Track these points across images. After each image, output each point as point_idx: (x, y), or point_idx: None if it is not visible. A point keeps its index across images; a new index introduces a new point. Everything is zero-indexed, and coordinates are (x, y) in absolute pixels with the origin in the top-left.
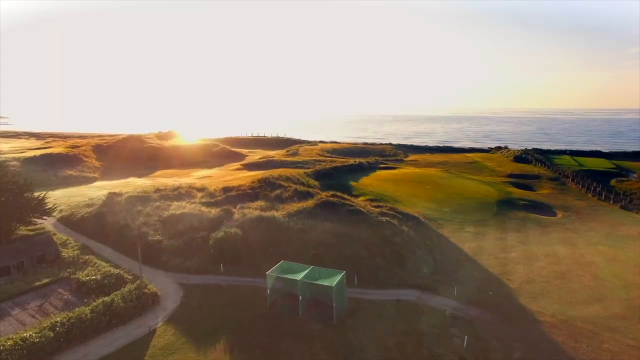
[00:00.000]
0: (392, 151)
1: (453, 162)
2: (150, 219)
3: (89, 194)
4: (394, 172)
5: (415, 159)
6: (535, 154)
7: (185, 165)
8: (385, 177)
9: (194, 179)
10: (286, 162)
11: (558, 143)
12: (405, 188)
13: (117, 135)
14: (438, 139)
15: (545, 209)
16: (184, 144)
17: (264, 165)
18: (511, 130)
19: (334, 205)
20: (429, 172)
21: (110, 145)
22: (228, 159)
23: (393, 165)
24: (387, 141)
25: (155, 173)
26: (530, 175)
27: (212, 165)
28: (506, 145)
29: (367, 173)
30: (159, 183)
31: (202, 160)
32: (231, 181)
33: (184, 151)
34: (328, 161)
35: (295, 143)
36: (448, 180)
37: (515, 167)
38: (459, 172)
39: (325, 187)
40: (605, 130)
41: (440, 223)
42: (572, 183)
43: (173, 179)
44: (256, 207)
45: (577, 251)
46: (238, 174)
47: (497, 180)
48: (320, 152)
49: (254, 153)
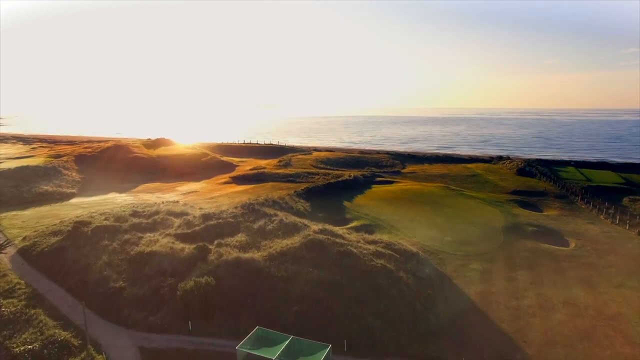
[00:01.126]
0: (389, 162)
1: (453, 174)
2: (116, 258)
3: (61, 214)
4: (391, 188)
5: (413, 170)
6: (539, 166)
7: (172, 177)
8: (382, 196)
9: (179, 194)
10: (277, 175)
11: (560, 150)
12: (402, 210)
13: (106, 141)
14: (436, 143)
15: (556, 236)
16: (172, 153)
17: (254, 178)
18: (510, 134)
19: (322, 245)
20: (427, 189)
21: (94, 155)
22: (217, 169)
23: (390, 179)
24: (383, 147)
25: (138, 187)
26: (535, 192)
27: (200, 177)
28: (508, 155)
29: (363, 190)
30: (140, 200)
31: (190, 171)
32: (217, 199)
33: (172, 161)
34: (321, 174)
35: (288, 151)
36: (449, 199)
37: (519, 181)
38: (460, 188)
39: (317, 207)
40: (606, 134)
41: (442, 258)
42: (582, 202)
43: (156, 194)
44: (236, 243)
45: (600, 297)
46: (226, 188)
47: (501, 198)
48: (313, 162)
49: (245, 163)
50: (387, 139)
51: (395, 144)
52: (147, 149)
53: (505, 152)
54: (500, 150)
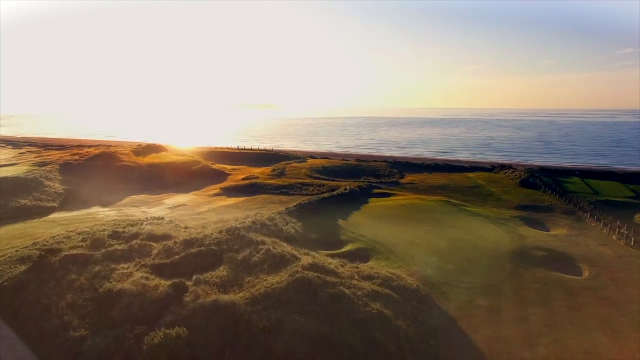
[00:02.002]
0: (387, 170)
1: (454, 185)
2: (82, 297)
3: (37, 233)
4: (388, 202)
5: (412, 181)
6: (542, 177)
7: (161, 187)
8: (379, 213)
9: (165, 209)
10: (270, 187)
11: (562, 156)
12: (401, 230)
13: (97, 145)
14: (435, 148)
15: (567, 263)
16: (162, 161)
17: (245, 190)
18: (510, 137)
19: (311, 286)
20: (427, 204)
21: (80, 164)
22: (209, 179)
23: (388, 191)
24: (381, 152)
25: (124, 200)
26: (541, 207)
27: (190, 188)
28: (510, 164)
29: (359, 206)
30: (124, 216)
31: (180, 181)
32: (205, 214)
33: (161, 171)
34: (316, 185)
35: (282, 158)
36: (450, 216)
37: (523, 194)
38: (462, 202)
39: (309, 227)
40: (607, 137)
41: (445, 291)
42: (591, 219)
43: (142, 209)
44: (216, 280)
45: (626, 345)
46: (216, 201)
47: (505, 214)
48: (308, 171)
49: (237, 171)
50: (385, 143)
51: (393, 148)
52: (136, 157)
53: (506, 157)
54: (501, 156)
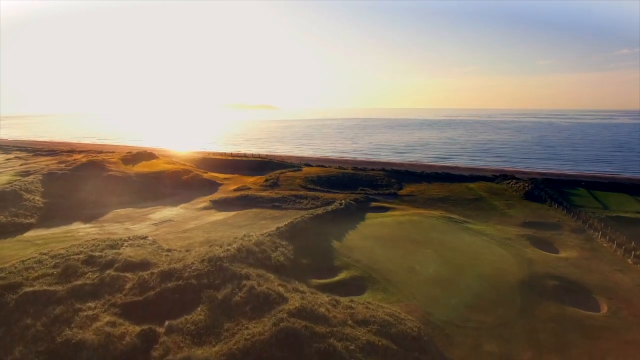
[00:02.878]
0: (385, 180)
1: (454, 197)
2: (34, 349)
3: (8, 255)
4: (386, 219)
5: (411, 192)
6: (547, 189)
7: (148, 199)
8: (376, 233)
9: (150, 225)
10: (262, 199)
11: (565, 162)
12: (399, 255)
13: (87, 151)
14: (434, 153)
15: (582, 295)
16: (151, 170)
17: (236, 203)
18: (510, 141)
19: (297, 338)
20: (427, 221)
21: (65, 174)
22: (199, 190)
23: (386, 205)
24: (379, 157)
25: (108, 215)
26: (548, 224)
27: (179, 200)
28: (512, 172)
29: (355, 224)
30: (105, 234)
31: (170, 192)
32: (191, 233)
33: (150, 181)
34: (310, 198)
35: (276, 167)
36: (452, 236)
37: (528, 209)
38: (464, 218)
39: (301, 251)
40: (608, 141)
41: (449, 334)
42: (602, 238)
43: (125, 225)
44: (190, 327)
45: None
46: (204, 216)
47: (511, 232)
48: (303, 181)
49: (229, 180)
50: (382, 148)
51: (391, 153)
52: (124, 166)
53: (507, 163)
54: (502, 162)
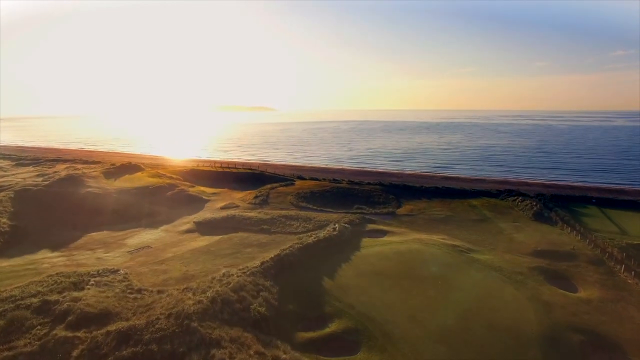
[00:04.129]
0: (382, 196)
1: (457, 218)
2: None
3: None
4: (384, 248)
5: (411, 211)
6: (556, 208)
7: (128, 219)
8: (372, 266)
9: (125, 254)
10: (249, 222)
11: (569, 171)
12: (399, 298)
13: (72, 160)
14: (433, 161)
15: (614, 354)
16: (134, 185)
17: (222, 225)
18: (510, 147)
19: None
20: (430, 253)
21: (40, 191)
22: (184, 207)
23: (383, 228)
24: (375, 166)
25: (81, 239)
26: (562, 254)
27: (161, 220)
28: (517, 184)
29: (349, 254)
30: (72, 266)
31: (152, 210)
32: (168, 265)
33: (131, 198)
34: (302, 220)
35: (268, 180)
36: (457, 272)
37: (538, 233)
38: (469, 244)
39: (286, 294)
40: (610, 145)
41: None
42: (625, 272)
43: (98, 253)
44: None
45: None
46: (185, 242)
47: (522, 263)
48: (295, 198)
49: (217, 196)
50: (379, 155)
51: (389, 162)
52: (105, 180)
53: (510, 173)
54: (505, 172)
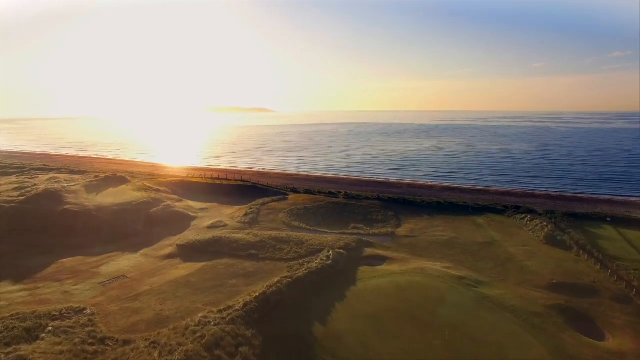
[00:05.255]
0: (381, 213)
1: (462, 240)
2: None
3: None
4: (383, 282)
5: (411, 231)
6: (569, 230)
7: (106, 240)
8: (370, 306)
9: (96, 285)
10: (237, 245)
11: (577, 182)
12: (400, 348)
13: (58, 169)
14: (432, 169)
15: None
16: (116, 201)
17: (207, 250)
18: (511, 153)
19: None
20: (433, 286)
21: (12, 208)
22: (168, 226)
23: (382, 253)
24: (374, 175)
25: (50, 267)
26: (582, 289)
27: (141, 242)
28: (522, 198)
29: (344, 290)
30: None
31: (133, 230)
32: (142, 301)
33: (112, 216)
34: (293, 243)
35: (260, 193)
36: (466, 314)
37: (552, 261)
38: (476, 275)
39: (270, 346)
40: (613, 150)
41: None
42: None
43: (66, 285)
44: None
45: None
46: (165, 271)
47: (538, 301)
48: (287, 216)
49: (205, 212)
50: (377, 162)
51: (387, 171)
52: (86, 195)
53: (513, 183)
54: (509, 181)
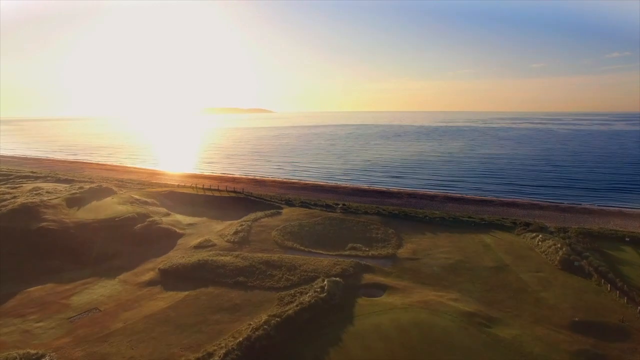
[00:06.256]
0: (380, 231)
1: (469, 264)
2: None
3: None
4: (383, 321)
5: (414, 253)
6: (586, 253)
7: (83, 263)
8: (370, 354)
9: (63, 322)
10: (224, 271)
11: (586, 193)
12: None
13: (44, 178)
14: (434, 177)
15: None
16: (97, 217)
17: (191, 275)
18: (514, 157)
19: None
20: (441, 326)
21: None
22: (152, 246)
23: (382, 281)
24: (372, 183)
25: (15, 297)
26: (610, 330)
27: (120, 265)
28: (529, 211)
29: (339, 331)
30: None
31: (113, 250)
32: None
33: (92, 234)
34: (285, 269)
35: (253, 206)
36: None
37: (571, 291)
38: (487, 308)
39: None
40: (619, 154)
41: None
42: None
43: (28, 322)
44: None
45: None
46: (143, 301)
47: (559, 345)
48: (280, 235)
49: (193, 228)
50: (375, 169)
51: (386, 179)
52: (67, 210)
53: (518, 193)
54: (513, 192)
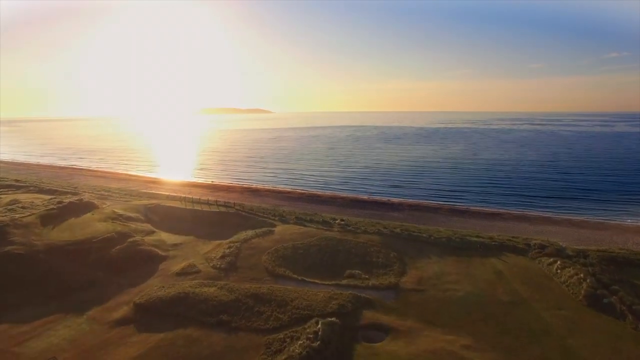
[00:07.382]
0: (381, 255)
1: (482, 297)
2: None
3: None
4: None
5: (419, 283)
6: (614, 286)
7: (50, 296)
8: None
9: None
10: (205, 307)
11: (599, 206)
12: None
13: (24, 187)
14: (436, 186)
15: None
16: (74, 238)
17: (169, 312)
18: (519, 164)
19: None
20: None
21: None
22: (130, 271)
23: (384, 321)
24: (372, 194)
25: None
26: None
27: (92, 298)
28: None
29: None
30: None
31: (87, 277)
32: None
33: (65, 258)
34: (275, 305)
35: (243, 223)
36: None
37: (605, 340)
38: (502, 356)
39: None
40: (629, 161)
41: None
42: None
43: None
44: None
45: None
46: (110, 349)
47: None
48: (270, 259)
49: (178, 250)
50: (374, 176)
51: (386, 187)
52: (40, 228)
53: (528, 206)
54: (522, 204)
